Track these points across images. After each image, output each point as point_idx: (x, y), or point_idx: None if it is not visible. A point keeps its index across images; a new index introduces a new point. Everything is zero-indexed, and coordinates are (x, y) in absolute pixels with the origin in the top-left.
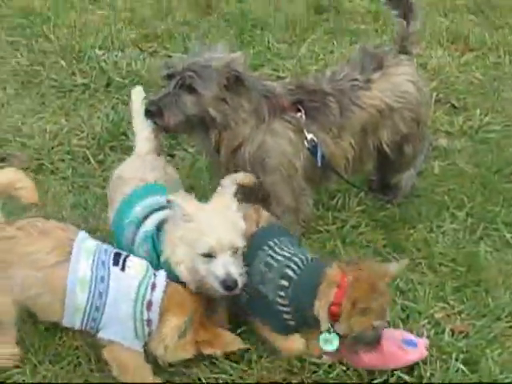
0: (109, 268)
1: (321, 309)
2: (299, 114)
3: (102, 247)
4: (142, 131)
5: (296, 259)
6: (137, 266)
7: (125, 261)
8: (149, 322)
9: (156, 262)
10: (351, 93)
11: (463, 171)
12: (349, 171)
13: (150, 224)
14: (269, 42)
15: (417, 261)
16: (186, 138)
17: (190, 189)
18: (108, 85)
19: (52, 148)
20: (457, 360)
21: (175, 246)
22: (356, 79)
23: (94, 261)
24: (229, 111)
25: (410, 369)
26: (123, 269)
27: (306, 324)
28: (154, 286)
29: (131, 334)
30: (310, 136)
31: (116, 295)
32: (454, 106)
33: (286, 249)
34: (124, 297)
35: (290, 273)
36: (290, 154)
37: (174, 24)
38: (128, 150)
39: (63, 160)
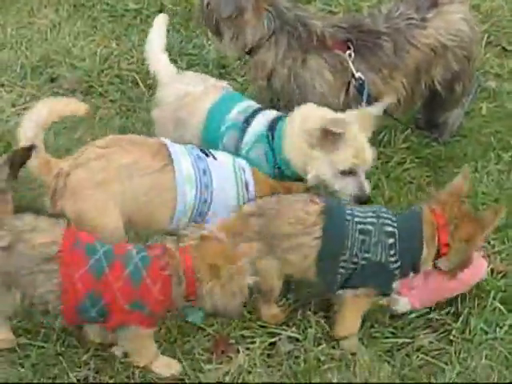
0: (206, 160)
1: (429, 255)
2: (348, 52)
3: (188, 146)
4: (161, 59)
5: (384, 215)
6: (221, 153)
7: (210, 151)
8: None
9: (272, 162)
10: (407, 32)
11: (511, 113)
12: (399, 110)
13: (257, 126)
14: None
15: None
16: (234, 67)
17: None
18: (160, 11)
19: (102, 71)
20: (494, 299)
21: (306, 154)
22: (412, 17)
23: (191, 158)
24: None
25: (448, 304)
26: (215, 158)
27: (406, 274)
28: (243, 169)
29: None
30: (357, 74)
31: (220, 182)
32: (504, 49)
33: (363, 210)
34: (227, 182)
35: (391, 229)
36: (324, 92)
37: None
38: None
39: (112, 83)
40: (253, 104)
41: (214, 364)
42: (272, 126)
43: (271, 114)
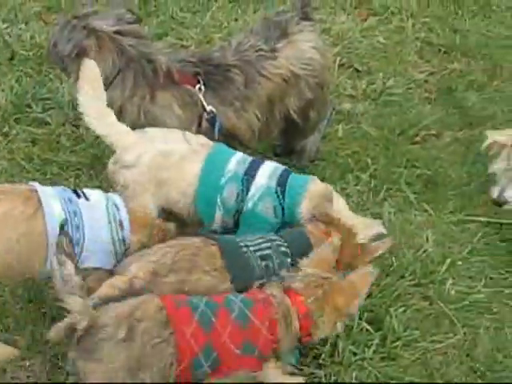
0: (76, 202)
1: None
2: (197, 86)
3: (59, 188)
4: (109, 121)
5: (272, 237)
6: (94, 193)
7: (83, 192)
8: (124, 240)
9: (280, 216)
10: (257, 63)
11: (367, 134)
12: (255, 141)
13: (263, 179)
14: (173, 11)
15: None
16: None
17: (95, 158)
18: (12, 58)
19: None
20: (361, 319)
21: None
22: (262, 49)
23: (61, 200)
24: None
25: None
26: (87, 199)
27: None
28: (117, 207)
29: (112, 257)
30: (209, 108)
31: (92, 224)
32: (357, 70)
33: (252, 238)
34: (100, 222)
35: (284, 249)
36: (175, 126)
37: None
38: (33, 122)
39: None
40: (245, 155)
41: None
42: (282, 182)
43: (273, 166)
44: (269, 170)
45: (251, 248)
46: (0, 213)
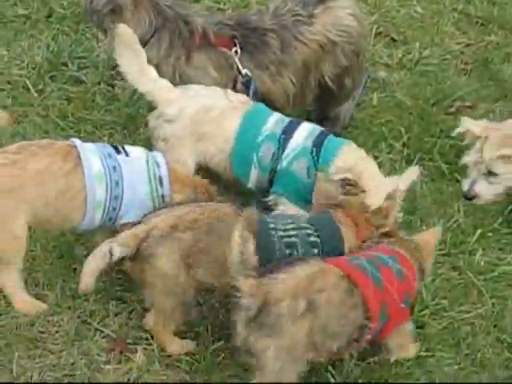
0: (116, 158)
1: None
2: (234, 49)
3: (99, 144)
4: (152, 77)
5: (303, 225)
6: (136, 149)
7: (123, 148)
8: (163, 197)
9: (312, 177)
10: (294, 28)
11: (401, 103)
12: (290, 106)
13: (300, 139)
14: None
15: None
16: None
17: (129, 117)
18: (49, 15)
19: None
20: None
21: None
22: (299, 14)
23: (101, 156)
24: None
25: None
26: (127, 154)
27: None
28: (157, 164)
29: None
30: (244, 71)
31: (131, 179)
32: (393, 40)
33: (284, 222)
34: (139, 178)
35: (313, 239)
36: None
37: None
38: (68, 80)
39: (3, 89)
40: (283, 116)
41: (112, 364)
42: (318, 143)
43: (311, 127)
44: (306, 131)
45: (280, 233)
46: (39, 168)
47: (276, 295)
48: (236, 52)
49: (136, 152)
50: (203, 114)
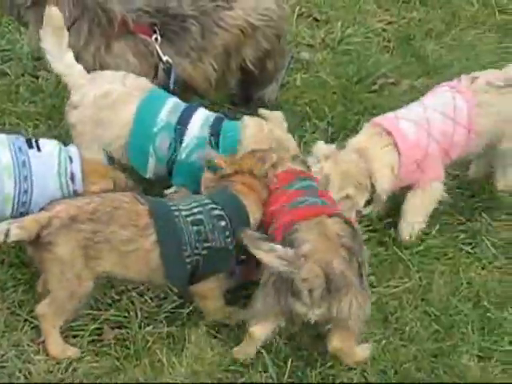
0: (27, 151)
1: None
2: (154, 36)
3: (12, 136)
4: (67, 61)
5: (206, 201)
6: (49, 144)
7: (37, 142)
8: (75, 192)
9: None
10: (214, 14)
11: (325, 82)
12: (212, 91)
13: (196, 129)
14: None
15: None
16: None
17: (53, 108)
18: None
19: None
20: None
21: None
22: None
23: (11, 149)
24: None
25: None
26: (39, 149)
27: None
28: (70, 159)
29: None
30: (165, 58)
31: (40, 174)
32: (315, 20)
33: (186, 203)
34: (49, 173)
35: (218, 212)
36: None
37: None
38: None
39: None
40: (179, 102)
41: (43, 355)
42: (214, 131)
43: (206, 114)
44: (201, 119)
45: (183, 213)
46: None
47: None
48: (156, 39)
49: (49, 146)
50: (101, 100)
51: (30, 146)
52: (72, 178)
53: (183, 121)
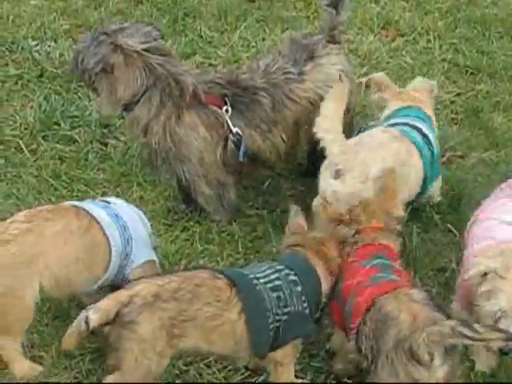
0: (110, 206)
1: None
2: (225, 108)
3: (89, 200)
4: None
5: (280, 267)
6: (112, 199)
7: (105, 200)
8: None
9: None
10: (285, 86)
11: None
12: (280, 163)
13: None
14: (201, 30)
15: None
16: (117, 127)
17: (122, 175)
18: (41, 75)
19: None
20: None
21: None
22: (289, 71)
23: (100, 207)
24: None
25: None
26: (114, 203)
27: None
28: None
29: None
30: (235, 130)
31: (131, 221)
32: None
33: (262, 270)
34: (133, 219)
35: (293, 277)
36: (200, 148)
37: (107, 14)
38: (61, 139)
39: None
40: None
41: None
42: None
43: None
44: None
45: (261, 280)
46: (57, 230)
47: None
48: (227, 111)
49: (115, 200)
50: None
51: (108, 202)
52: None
53: None
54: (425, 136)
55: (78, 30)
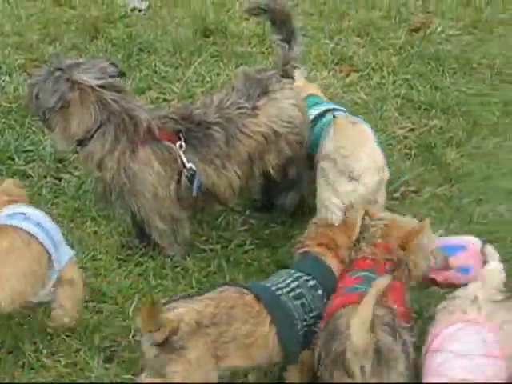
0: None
1: None
2: (178, 143)
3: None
4: None
5: (297, 274)
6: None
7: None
8: None
9: None
10: (239, 121)
11: None
12: (234, 198)
13: None
14: (156, 66)
15: None
16: (71, 161)
17: (76, 210)
18: None
19: None
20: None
21: None
22: (243, 106)
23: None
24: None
25: None
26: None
27: None
28: None
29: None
30: (188, 165)
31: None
32: None
33: (281, 280)
34: (49, 221)
35: (312, 282)
36: (154, 183)
37: (62, 48)
38: (15, 174)
39: None
40: None
41: None
42: None
43: None
44: None
45: (284, 290)
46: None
47: None
48: (180, 146)
49: (27, 209)
50: None
51: (24, 214)
52: None
53: None
54: None
55: (32, 64)
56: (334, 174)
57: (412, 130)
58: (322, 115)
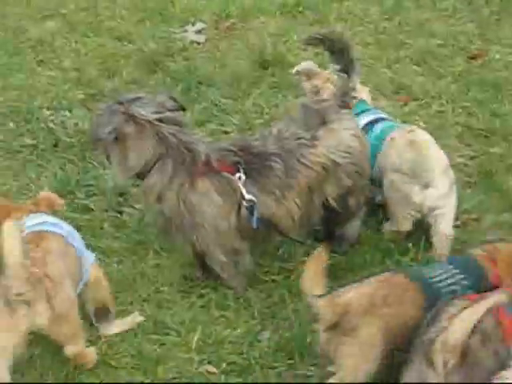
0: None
1: None
2: (237, 174)
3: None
4: None
5: (454, 270)
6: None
7: None
8: None
9: None
10: (297, 151)
11: None
12: (295, 229)
13: None
14: (214, 98)
15: None
16: (132, 195)
17: (138, 243)
18: (56, 145)
19: None
20: None
21: None
22: (302, 137)
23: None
24: (144, 160)
25: None
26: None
27: None
28: None
29: None
30: (248, 196)
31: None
32: None
33: (433, 271)
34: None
35: (466, 282)
36: (214, 215)
37: (121, 83)
38: (76, 208)
39: None
40: None
41: None
42: None
43: None
44: None
45: (441, 284)
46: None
47: None
48: (240, 177)
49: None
50: None
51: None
52: None
53: None
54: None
55: (92, 99)
56: (405, 186)
57: (472, 157)
58: (372, 123)
